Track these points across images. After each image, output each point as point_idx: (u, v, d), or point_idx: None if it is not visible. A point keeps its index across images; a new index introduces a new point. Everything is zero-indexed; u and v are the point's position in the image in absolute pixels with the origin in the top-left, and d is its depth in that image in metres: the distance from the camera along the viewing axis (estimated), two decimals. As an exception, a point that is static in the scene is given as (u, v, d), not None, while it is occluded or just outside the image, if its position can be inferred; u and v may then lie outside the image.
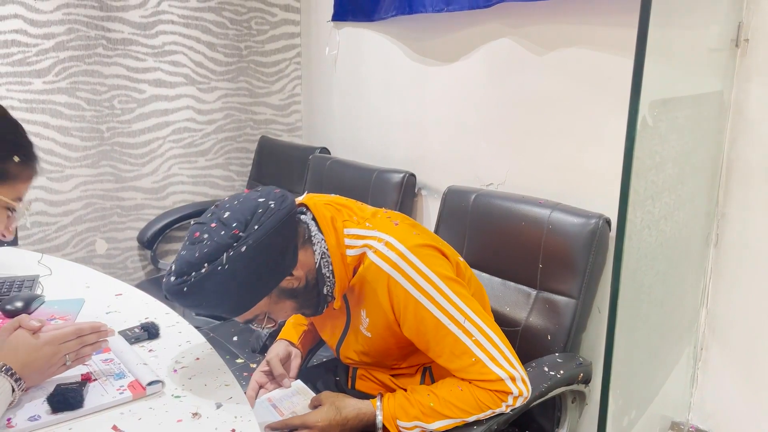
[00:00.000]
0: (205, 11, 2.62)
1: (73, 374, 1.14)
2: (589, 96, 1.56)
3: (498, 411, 1.19)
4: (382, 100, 2.28)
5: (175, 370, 1.21)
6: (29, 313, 1.41)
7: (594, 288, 1.49)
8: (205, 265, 1.05)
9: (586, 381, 1.40)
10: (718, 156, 1.32)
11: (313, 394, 1.35)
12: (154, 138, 2.63)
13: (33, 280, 1.60)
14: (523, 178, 1.76)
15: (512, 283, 1.59)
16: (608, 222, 1.47)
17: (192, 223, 1.15)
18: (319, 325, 1.43)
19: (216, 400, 1.11)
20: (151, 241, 2.60)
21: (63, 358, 1.09)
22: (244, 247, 1.05)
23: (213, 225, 1.09)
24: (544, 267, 1.53)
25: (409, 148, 2.16)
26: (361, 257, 1.20)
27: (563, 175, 1.64)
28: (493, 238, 1.27)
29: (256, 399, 1.34)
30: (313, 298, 1.21)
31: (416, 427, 1.18)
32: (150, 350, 1.30)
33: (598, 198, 1.55)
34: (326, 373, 1.56)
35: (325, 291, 1.21)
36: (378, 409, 1.20)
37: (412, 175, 2.03)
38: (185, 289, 1.06)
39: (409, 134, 2.16)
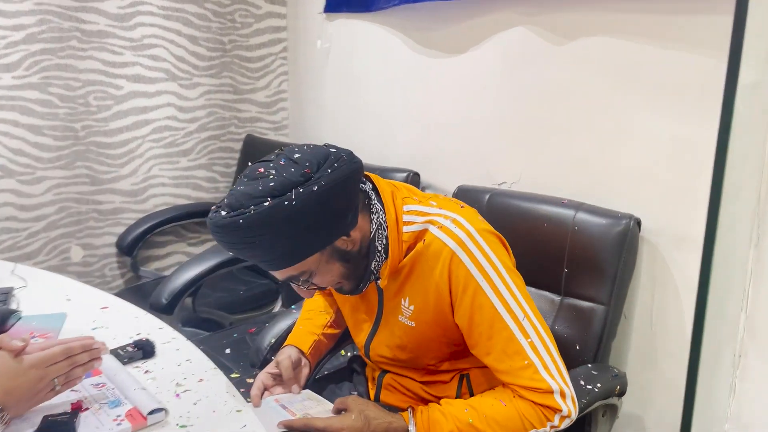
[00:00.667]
0: (186, 2, 2.47)
1: (60, 402, 1.00)
2: (614, 88, 1.46)
3: (541, 431, 1.08)
4: (381, 96, 2.16)
5: (178, 395, 1.08)
6: (4, 331, 1.26)
7: (624, 293, 1.39)
8: (269, 199, 0.96)
9: (622, 393, 1.30)
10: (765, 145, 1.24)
11: (327, 402, 1.22)
12: (132, 137, 2.46)
13: (7, 293, 1.44)
14: (539, 177, 1.65)
15: (534, 289, 1.49)
16: (639, 223, 1.38)
17: (250, 163, 1.05)
18: (349, 317, 1.32)
19: (228, 429, 0.98)
20: (130, 247, 2.44)
21: (51, 382, 0.95)
22: (316, 187, 0.97)
23: (281, 162, 1.01)
24: (570, 271, 1.43)
25: (411, 145, 2.05)
26: (420, 234, 1.11)
27: (584, 173, 1.55)
28: (511, 241, 1.18)
29: (261, 399, 1.21)
30: (360, 269, 1.12)
31: (451, 445, 1.07)
32: (146, 371, 1.16)
33: (623, 197, 1.46)
34: (337, 386, 1.43)
35: (372, 266, 1.12)
36: (411, 424, 1.08)
37: (416, 174, 1.92)
38: (241, 221, 0.96)
39: (412, 131, 2.04)
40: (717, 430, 1.39)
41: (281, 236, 0.98)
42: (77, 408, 0.99)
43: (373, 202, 1.12)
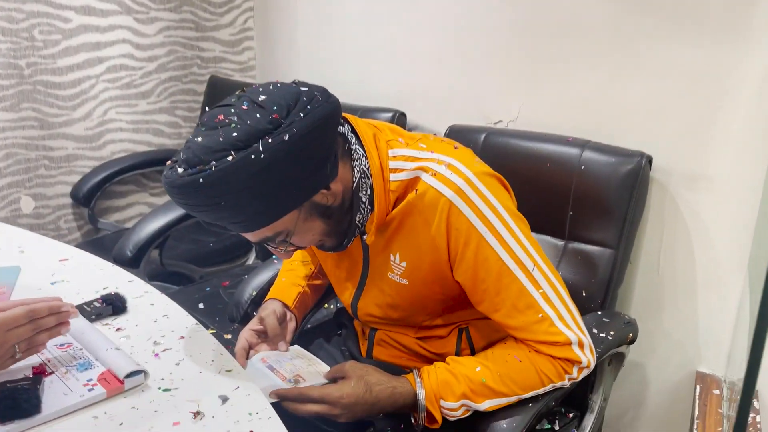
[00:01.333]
0: (140, -75, 2.23)
1: (19, 366, 0.86)
2: (623, 15, 1.35)
3: (559, 385, 1.00)
4: (361, 28, 1.98)
5: (157, 354, 0.95)
6: (-51, 288, 1.10)
7: (633, 236, 1.31)
8: (232, 152, 0.81)
9: (633, 341, 1.23)
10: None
11: (319, 361, 1.11)
12: (84, 76, 2.24)
13: (-50, 246, 1.27)
14: (539, 115, 1.54)
15: (535, 235, 1.37)
16: (650, 161, 1.29)
17: (208, 109, 0.89)
18: (332, 274, 1.19)
19: (219, 391, 0.86)
20: (87, 198, 2.24)
21: (11, 348, 0.81)
22: (287, 136, 0.83)
23: (244, 107, 0.86)
24: (575, 214, 1.34)
25: (396, 83, 1.89)
26: (411, 183, 0.98)
27: (590, 109, 1.44)
28: (511, 183, 1.08)
29: (247, 359, 1.09)
30: (344, 224, 0.99)
31: (462, 406, 0.98)
32: (118, 329, 1.02)
33: (632, 134, 1.37)
34: (325, 340, 1.33)
35: (357, 220, 0.98)
36: (419, 388, 0.98)
37: (402, 114, 1.78)
38: (201, 180, 0.81)
39: (397, 67, 1.88)
40: (719, 373, 1.35)
41: (250, 195, 0.85)
42: (40, 372, 0.86)
43: (353, 147, 0.97)
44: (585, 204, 1.32)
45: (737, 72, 1.21)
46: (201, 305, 1.75)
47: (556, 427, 1.23)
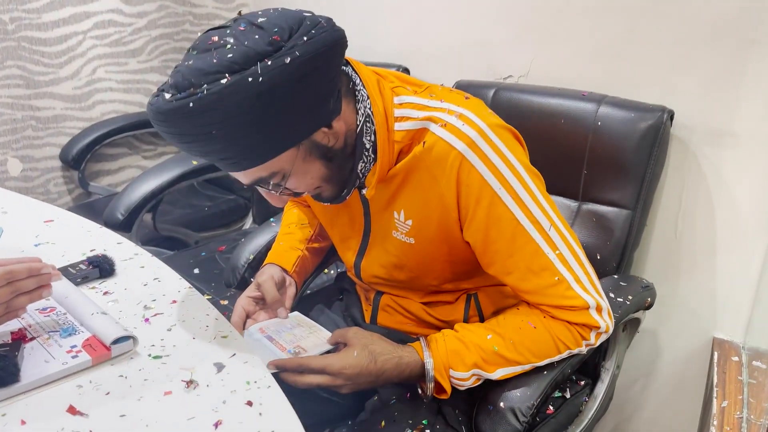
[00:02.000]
0: None
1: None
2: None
3: (576, 351, 0.94)
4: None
5: (147, 320, 0.89)
6: (-76, 249, 1.03)
7: (651, 196, 1.24)
8: (227, 75, 0.73)
9: (650, 306, 1.17)
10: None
11: (320, 328, 1.04)
12: (71, 32, 2.14)
13: (-74, 206, 1.20)
14: (552, 68, 1.45)
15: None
16: (671, 116, 1.21)
17: (201, 33, 0.81)
18: (333, 233, 1.12)
19: (214, 359, 0.80)
20: (77, 160, 2.16)
21: (-15, 312, 0.74)
22: (288, 59, 0.74)
23: (242, 28, 0.77)
24: (590, 173, 1.27)
25: (399, 37, 1.79)
26: (418, 134, 0.89)
27: (606, 60, 1.35)
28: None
29: (244, 329, 1.02)
30: (345, 171, 0.90)
31: (473, 376, 0.92)
32: (105, 293, 0.96)
33: (652, 88, 1.28)
34: (326, 306, 1.26)
35: (359, 168, 0.90)
36: (427, 357, 0.91)
37: (406, 70, 1.70)
38: (191, 104, 0.72)
39: (400, 19, 1.78)
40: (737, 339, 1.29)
41: (245, 125, 0.76)
42: (19, 338, 0.79)
43: (358, 88, 0.89)
44: (601, 162, 1.25)
45: (768, 20, 1.12)
46: (196, 270, 1.68)
47: (568, 395, 1.18)
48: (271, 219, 1.47)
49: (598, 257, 1.25)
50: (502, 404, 0.91)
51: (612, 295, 1.11)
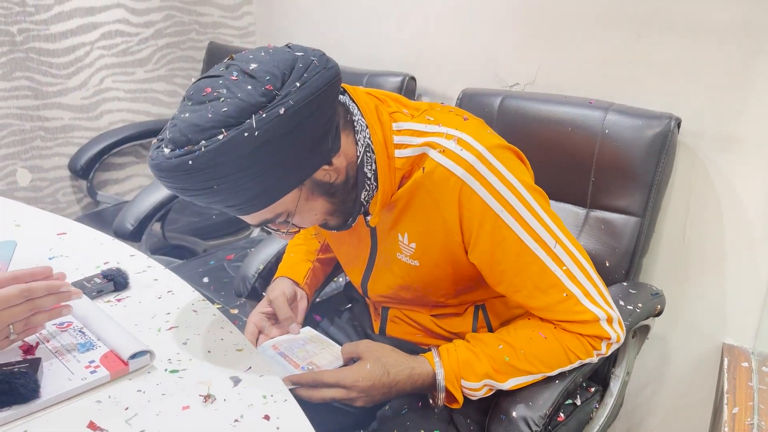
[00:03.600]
0: None
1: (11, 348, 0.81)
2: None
3: (587, 361, 0.94)
4: (367, -9, 1.89)
5: (162, 333, 0.89)
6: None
7: (660, 203, 1.25)
8: (223, 130, 0.73)
9: (660, 313, 1.18)
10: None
11: (331, 342, 1.06)
12: (79, 43, 2.16)
13: (-59, 220, 1.21)
14: (558, 76, 1.46)
15: (555, 203, 1.32)
16: (678, 123, 1.21)
17: (194, 80, 0.81)
18: (339, 253, 1.13)
19: (230, 373, 0.81)
20: (86, 170, 2.18)
21: (5, 329, 0.75)
22: (283, 109, 0.74)
23: (234, 77, 0.77)
24: (597, 181, 1.27)
25: (406, 45, 1.80)
26: (418, 160, 0.90)
27: (613, 68, 1.36)
28: (529, 149, 1.01)
29: (257, 346, 1.04)
30: (348, 202, 0.91)
31: (485, 386, 0.93)
32: (120, 306, 0.96)
33: (659, 96, 1.29)
34: (336, 314, 1.27)
35: (363, 197, 0.91)
36: (438, 367, 0.92)
37: (412, 79, 1.69)
38: (190, 162, 0.73)
39: (406, 28, 1.79)
40: (747, 345, 1.29)
41: (245, 176, 0.76)
42: (26, 351, 0.80)
43: (356, 118, 0.89)
44: (608, 170, 1.25)
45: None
46: (205, 279, 1.70)
47: (578, 402, 1.18)
48: (280, 228, 1.48)
49: (606, 264, 1.25)
50: (514, 414, 0.92)
51: (622, 303, 1.11)
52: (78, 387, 0.75)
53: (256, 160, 0.76)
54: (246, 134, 0.73)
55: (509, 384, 0.92)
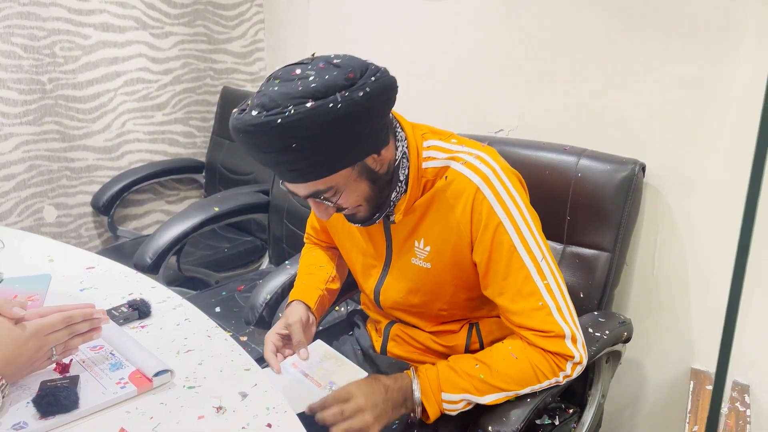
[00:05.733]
0: (154, -55, 2.32)
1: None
2: (619, 27, 1.41)
3: (554, 381, 1.06)
4: (368, 39, 2.06)
5: (181, 355, 1.03)
6: (-13, 295, 1.18)
7: (628, 240, 1.37)
8: (311, 100, 0.88)
9: (628, 340, 1.30)
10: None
11: (344, 358, 1.20)
12: (103, 90, 2.34)
13: (-15, 255, 1.36)
14: (538, 123, 1.61)
15: (535, 238, 1.46)
16: (643, 168, 1.35)
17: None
18: (356, 262, 1.25)
19: (239, 388, 0.94)
20: (107, 207, 2.34)
21: (49, 351, 0.89)
22: (361, 93, 0.90)
23: (321, 65, 0.93)
24: (573, 219, 1.40)
25: (400, 92, 1.96)
26: (441, 171, 1.07)
27: (586, 117, 1.51)
28: None
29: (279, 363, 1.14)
30: (383, 195, 1.06)
31: (463, 400, 1.05)
32: (143, 328, 1.10)
33: (627, 142, 1.43)
34: (336, 340, 1.40)
35: (393, 196, 1.07)
36: (414, 381, 1.06)
37: (408, 124, 1.85)
38: (279, 120, 0.87)
39: (401, 77, 1.94)
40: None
41: (319, 143, 0.91)
42: (64, 372, 0.94)
43: (398, 130, 1.07)
44: (582, 209, 1.38)
45: (726, 80, 1.26)
46: (218, 309, 1.83)
47: (557, 422, 1.29)
48: (287, 262, 1.62)
49: (581, 295, 1.37)
50: (490, 428, 1.04)
51: (591, 330, 1.23)
52: (110, 399, 0.89)
53: (333, 130, 0.90)
54: (330, 105, 0.88)
55: (487, 399, 1.04)
